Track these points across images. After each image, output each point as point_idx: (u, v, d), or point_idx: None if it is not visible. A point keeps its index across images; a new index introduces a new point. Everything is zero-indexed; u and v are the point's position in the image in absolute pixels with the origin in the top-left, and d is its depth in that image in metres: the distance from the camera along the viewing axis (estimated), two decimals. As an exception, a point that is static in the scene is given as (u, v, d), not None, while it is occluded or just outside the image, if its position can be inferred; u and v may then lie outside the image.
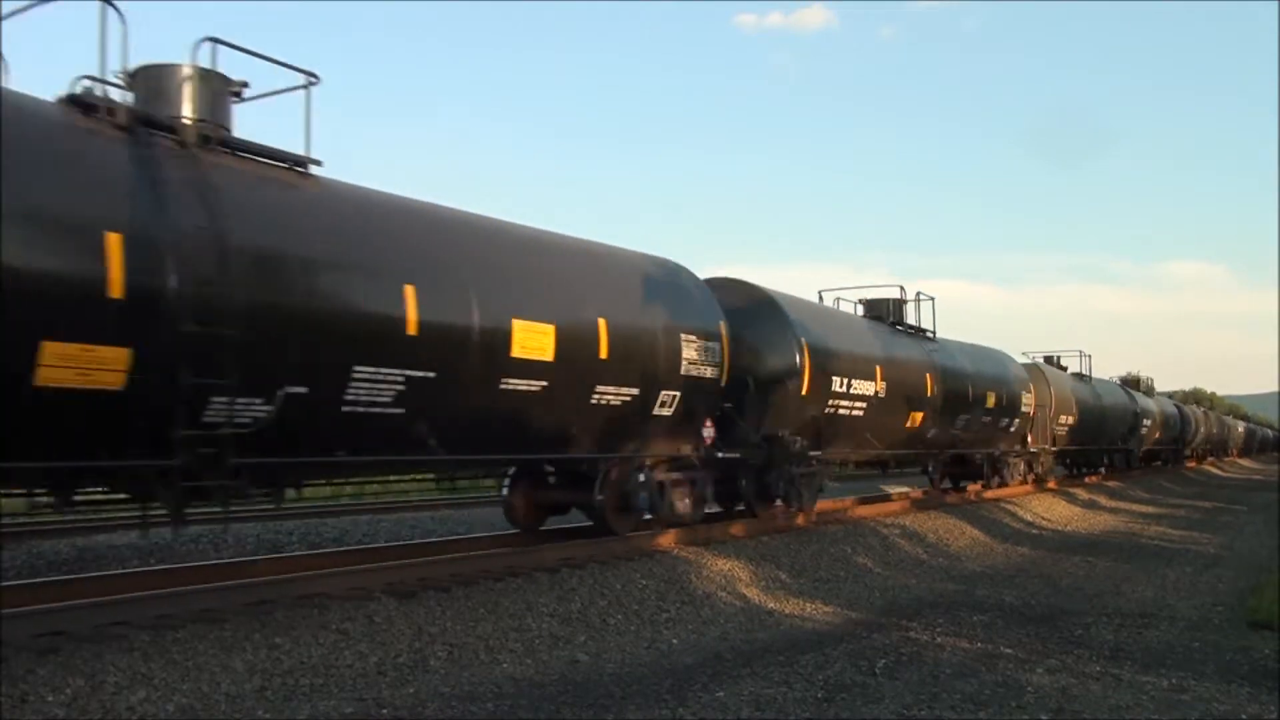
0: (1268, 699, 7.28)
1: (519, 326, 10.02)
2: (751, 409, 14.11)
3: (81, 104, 7.55)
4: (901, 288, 20.07)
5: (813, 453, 15.29)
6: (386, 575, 9.38)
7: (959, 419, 20.69)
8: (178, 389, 7.24)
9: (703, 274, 14.03)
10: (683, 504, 12.94)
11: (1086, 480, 31.20)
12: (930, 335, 20.48)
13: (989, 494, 23.41)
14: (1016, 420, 24.00)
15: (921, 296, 20.40)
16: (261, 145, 8.66)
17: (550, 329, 10.35)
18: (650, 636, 9.30)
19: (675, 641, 9.15)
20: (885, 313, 19.53)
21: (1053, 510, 23.29)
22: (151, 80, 8.19)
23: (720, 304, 13.44)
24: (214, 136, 8.17)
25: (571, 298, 10.91)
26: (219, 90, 8.42)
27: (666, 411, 12.16)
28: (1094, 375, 33.85)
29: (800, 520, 15.39)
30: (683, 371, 12.28)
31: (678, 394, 12.22)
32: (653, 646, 8.92)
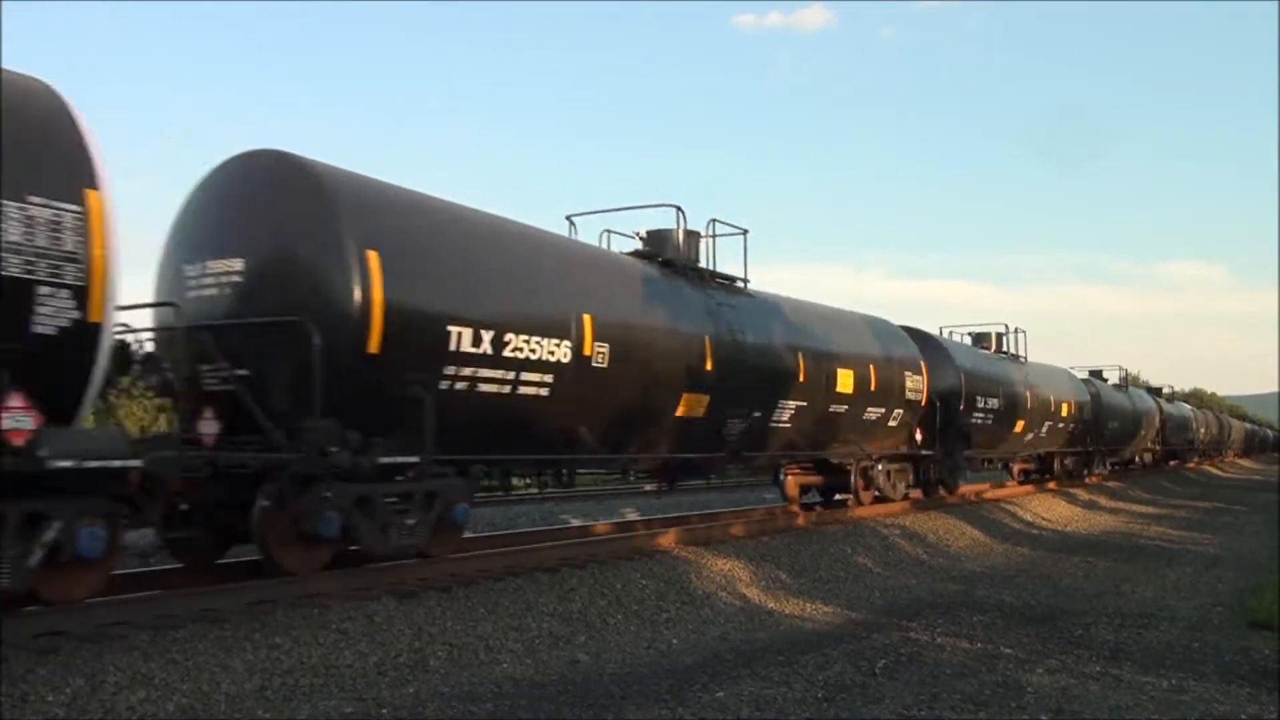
0: (1268, 699, 7.28)
1: (840, 373, 15.87)
2: (932, 419, 19.42)
3: (658, 260, 13.20)
4: (1006, 324, 25.80)
5: (965, 451, 21.28)
6: (386, 575, 9.37)
7: (1044, 425, 26.03)
8: (721, 414, 13.11)
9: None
10: (899, 486, 18.72)
11: (1087, 480, 31.41)
12: (1023, 360, 25.85)
13: (989, 494, 23.55)
14: (1077, 425, 29.33)
15: (1016, 329, 26.06)
16: (724, 273, 14.25)
17: (851, 372, 16.15)
18: (650, 636, 9.30)
19: (675, 641, 9.15)
20: (989, 344, 24.98)
21: (1053, 510, 23.29)
22: (657, 237, 13.61)
23: (884, 331, 18.82)
24: (710, 273, 13.91)
25: (858, 351, 16.75)
26: (693, 239, 13.79)
27: (894, 423, 17.85)
28: (1126, 385, 39.55)
29: (801, 520, 15.47)
30: (905, 396, 17.87)
31: (901, 411, 17.83)
32: (653, 646, 8.92)
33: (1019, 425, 23.81)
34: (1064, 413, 27.25)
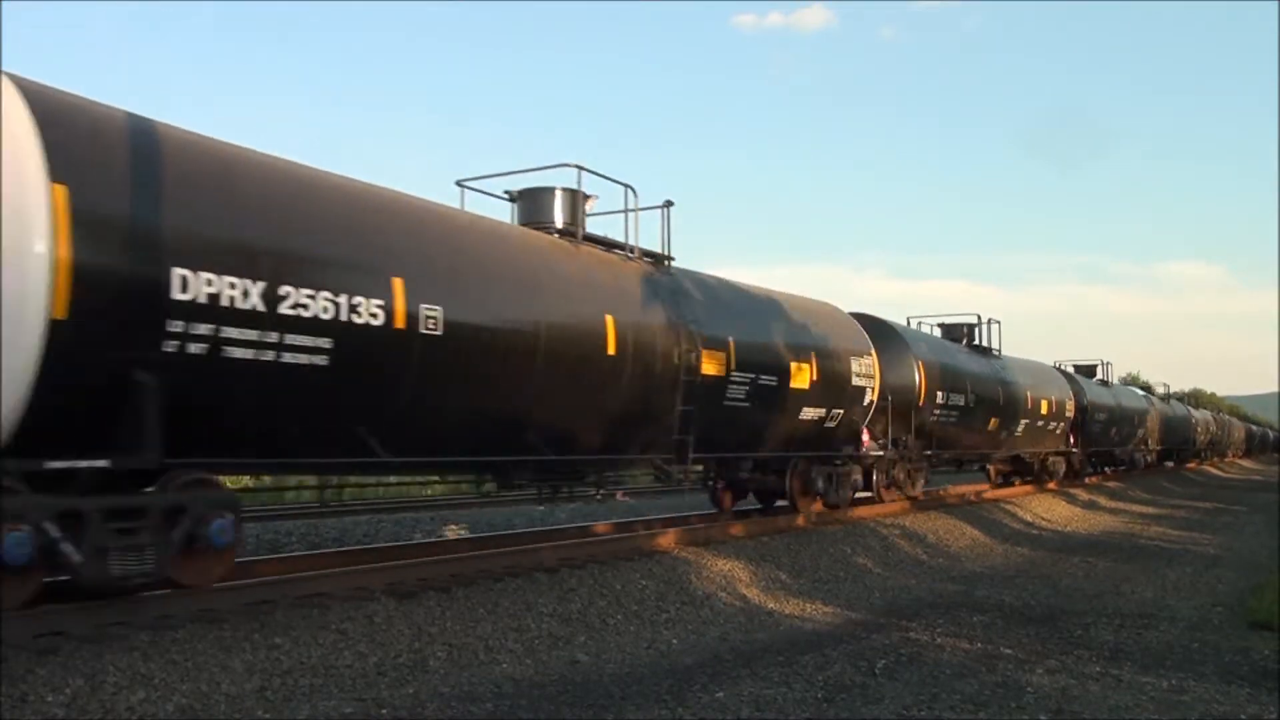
0: (1268, 699, 7.29)
1: (1042, 401, 25.60)
2: (1081, 429, 29.98)
3: (968, 343, 23.45)
4: (1101, 359, 37.09)
5: (1091, 449, 32.07)
6: (386, 575, 9.38)
7: (1127, 430, 36.43)
8: (1000, 428, 23.39)
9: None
10: (1059, 471, 28.86)
11: (1087, 480, 31.56)
12: (1112, 384, 37.05)
13: (989, 494, 23.61)
14: (1143, 430, 39.66)
15: (1107, 363, 37.45)
16: (991, 346, 23.93)
17: (1046, 401, 25.78)
18: (650, 637, 9.30)
19: (675, 642, 9.16)
20: (1090, 372, 35.75)
21: (1053, 510, 23.29)
22: (951, 325, 23.73)
23: (1052, 373, 29.36)
24: (987, 347, 24.42)
25: (1045, 386, 26.69)
26: (972, 327, 23.94)
27: (1058, 431, 27.99)
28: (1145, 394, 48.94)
29: (801, 521, 15.52)
30: (1065, 414, 27.92)
31: (1063, 423, 27.99)
32: (652, 647, 8.92)
33: (1114, 431, 34.84)
34: (1135, 421, 38.05)
